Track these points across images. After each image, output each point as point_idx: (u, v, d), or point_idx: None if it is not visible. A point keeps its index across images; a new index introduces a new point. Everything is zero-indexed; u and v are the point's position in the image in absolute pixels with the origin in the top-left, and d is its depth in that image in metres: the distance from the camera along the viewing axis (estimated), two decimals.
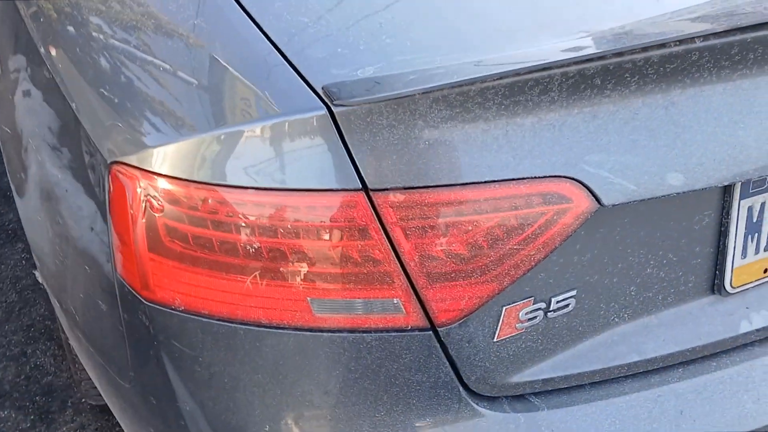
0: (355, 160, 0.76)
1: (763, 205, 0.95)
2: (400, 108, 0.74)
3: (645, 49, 0.77)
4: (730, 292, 0.97)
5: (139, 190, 0.82)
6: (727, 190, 0.92)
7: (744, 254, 0.96)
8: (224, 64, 0.83)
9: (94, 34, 0.98)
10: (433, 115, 0.75)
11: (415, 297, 0.81)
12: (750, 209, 0.94)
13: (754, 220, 0.95)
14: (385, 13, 0.85)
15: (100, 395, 1.17)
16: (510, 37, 0.82)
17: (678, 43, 0.77)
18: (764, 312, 1.00)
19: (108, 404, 1.13)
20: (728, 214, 0.93)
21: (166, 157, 0.80)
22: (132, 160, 0.83)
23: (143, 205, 0.82)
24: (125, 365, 0.96)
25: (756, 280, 0.99)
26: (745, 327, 0.99)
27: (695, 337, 0.97)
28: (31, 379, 1.81)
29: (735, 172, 0.85)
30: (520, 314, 0.86)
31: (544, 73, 0.75)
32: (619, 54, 0.76)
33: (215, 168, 0.78)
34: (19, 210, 1.29)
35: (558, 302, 0.87)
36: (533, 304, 0.86)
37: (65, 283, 1.10)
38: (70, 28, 1.03)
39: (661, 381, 0.95)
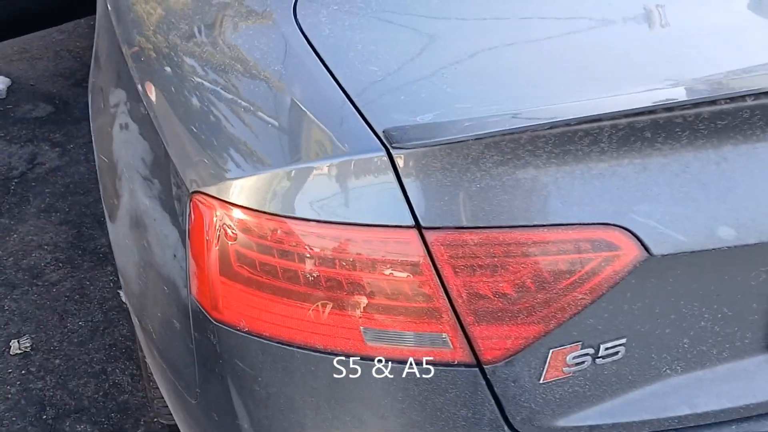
0: (410, 199, 0.81)
1: None
2: (453, 152, 0.80)
3: (696, 105, 0.80)
4: None
5: (215, 218, 0.90)
6: None
7: None
8: (299, 107, 0.91)
9: (186, 74, 1.09)
10: (485, 161, 0.80)
11: (462, 333, 0.84)
12: None
13: None
14: (449, 65, 0.91)
15: (171, 415, 1.25)
16: (565, 89, 0.87)
17: (729, 101, 0.80)
18: None
19: (176, 421, 1.20)
20: None
21: (241, 189, 0.88)
22: (211, 190, 0.91)
23: (218, 232, 0.90)
24: (193, 382, 1.03)
25: None
26: None
27: (749, 394, 0.96)
28: (108, 396, 1.93)
29: None
30: (568, 358, 0.88)
31: (594, 125, 0.79)
32: (669, 109, 0.79)
33: (284, 201, 0.85)
34: (110, 234, 1.41)
35: (607, 349, 0.89)
36: (581, 348, 0.88)
37: (146, 303, 1.19)
38: (166, 68, 1.14)
39: None
